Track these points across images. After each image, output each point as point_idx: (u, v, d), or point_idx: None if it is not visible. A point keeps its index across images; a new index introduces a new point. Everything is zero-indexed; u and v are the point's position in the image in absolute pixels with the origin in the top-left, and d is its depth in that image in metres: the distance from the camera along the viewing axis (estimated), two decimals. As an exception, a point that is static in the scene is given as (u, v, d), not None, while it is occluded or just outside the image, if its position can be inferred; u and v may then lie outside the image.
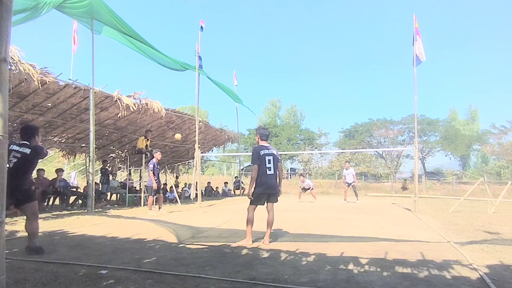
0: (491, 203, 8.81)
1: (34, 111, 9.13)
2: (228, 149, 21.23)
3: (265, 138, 4.62)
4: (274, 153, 4.50)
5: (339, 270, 3.13)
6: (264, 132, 4.64)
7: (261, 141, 4.60)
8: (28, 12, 6.95)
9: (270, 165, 4.38)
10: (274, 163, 4.43)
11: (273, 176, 4.42)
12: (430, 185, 23.89)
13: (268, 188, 4.39)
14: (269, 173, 4.38)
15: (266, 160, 4.38)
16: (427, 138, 38.00)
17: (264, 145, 4.56)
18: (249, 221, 4.42)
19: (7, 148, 1.95)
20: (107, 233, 5.20)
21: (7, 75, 1.89)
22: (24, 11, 6.84)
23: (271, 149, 4.52)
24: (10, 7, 1.72)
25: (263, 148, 4.48)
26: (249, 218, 4.43)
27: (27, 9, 6.83)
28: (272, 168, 4.39)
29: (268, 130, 4.76)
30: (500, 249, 4.07)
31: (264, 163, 4.37)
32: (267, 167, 4.37)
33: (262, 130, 4.69)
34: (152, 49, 10.11)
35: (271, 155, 4.43)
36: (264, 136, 4.62)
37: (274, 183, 4.43)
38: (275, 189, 4.46)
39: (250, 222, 4.42)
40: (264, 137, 4.62)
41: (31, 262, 3.38)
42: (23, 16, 7.04)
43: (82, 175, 19.01)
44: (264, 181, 4.36)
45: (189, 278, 2.88)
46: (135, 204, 10.97)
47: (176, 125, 13.13)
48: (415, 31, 8.93)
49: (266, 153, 4.43)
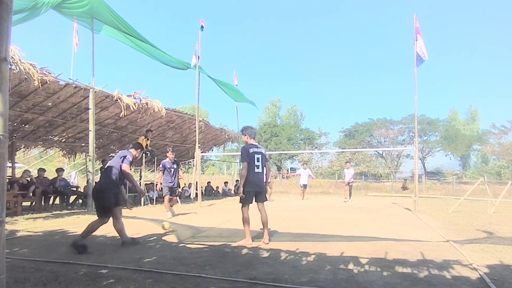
0: (491, 203, 8.81)
1: (35, 111, 9.13)
2: (228, 148, 21.21)
3: (253, 136, 4.72)
4: (263, 151, 4.60)
5: (339, 269, 3.14)
6: (252, 131, 4.76)
7: (250, 139, 4.68)
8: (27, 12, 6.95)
9: (259, 163, 4.48)
10: (263, 162, 4.52)
11: (261, 174, 4.51)
12: (430, 185, 23.88)
13: (256, 186, 4.46)
14: (257, 171, 4.47)
15: (255, 158, 4.48)
16: (427, 138, 38.03)
17: (253, 143, 4.64)
18: (245, 221, 4.48)
19: (7, 147, 1.95)
20: (107, 233, 5.19)
21: (7, 75, 1.90)
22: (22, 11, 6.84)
23: (259, 148, 4.61)
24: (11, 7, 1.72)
25: (252, 147, 4.55)
26: (244, 218, 4.49)
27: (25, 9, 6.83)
28: (261, 166, 4.49)
29: (255, 129, 4.87)
30: (500, 249, 4.07)
31: (253, 161, 4.45)
32: (255, 165, 4.45)
33: (250, 129, 4.77)
34: (153, 47, 10.10)
35: (259, 154, 4.53)
36: (253, 135, 4.73)
37: (262, 181, 4.52)
38: (262, 187, 4.54)
39: (246, 221, 4.48)
40: (253, 136, 4.72)
41: (32, 261, 3.39)
42: (21, 16, 7.03)
43: (82, 175, 19.04)
44: (253, 178, 4.44)
45: (189, 277, 2.89)
46: (135, 204, 10.97)
47: (176, 124, 13.13)
48: (415, 30, 8.91)
49: (255, 151, 4.52)
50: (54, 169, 11.02)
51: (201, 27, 11.19)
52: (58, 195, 9.82)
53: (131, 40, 9.70)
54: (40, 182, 9.24)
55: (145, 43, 9.81)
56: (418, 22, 8.97)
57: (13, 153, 10.42)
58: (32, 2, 6.86)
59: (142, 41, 9.68)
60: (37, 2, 6.93)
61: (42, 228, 5.61)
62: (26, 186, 8.62)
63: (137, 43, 9.82)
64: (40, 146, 11.70)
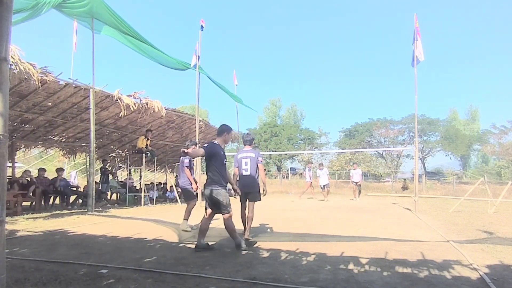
0: (491, 203, 8.80)
1: (35, 110, 9.13)
2: (228, 148, 21.24)
3: (247, 143, 5.02)
4: (252, 155, 4.80)
5: (339, 269, 3.13)
6: (244, 138, 5.09)
7: (244, 146, 5.03)
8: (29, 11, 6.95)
9: (247, 167, 4.77)
10: (251, 165, 4.75)
11: (249, 177, 4.75)
12: (430, 185, 23.85)
13: (244, 187, 4.70)
14: (245, 173, 4.78)
15: (243, 162, 4.81)
16: (428, 138, 38.03)
17: (244, 149, 4.97)
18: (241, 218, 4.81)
19: (7, 147, 1.95)
20: (107, 232, 5.20)
21: (7, 75, 1.89)
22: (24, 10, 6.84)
23: (249, 152, 4.85)
24: (11, 7, 1.72)
25: (241, 152, 4.94)
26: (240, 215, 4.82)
27: (26, 8, 6.83)
28: (249, 169, 4.76)
29: (249, 136, 5.17)
30: (500, 249, 4.07)
31: (241, 165, 4.82)
32: (243, 169, 4.80)
33: (243, 137, 5.16)
34: (152, 48, 10.09)
35: (248, 158, 4.80)
36: (245, 141, 5.04)
37: (249, 183, 4.74)
38: (251, 188, 4.74)
39: (241, 218, 4.80)
40: (246, 142, 5.02)
41: (31, 261, 3.39)
42: (23, 16, 7.04)
43: (82, 175, 19.05)
44: (240, 181, 4.80)
45: (189, 277, 2.89)
46: (135, 204, 10.99)
47: (176, 124, 13.13)
48: (415, 30, 8.91)
49: (243, 156, 4.84)
50: (54, 169, 11.03)
51: (201, 27, 11.20)
52: (58, 195, 9.82)
53: (130, 41, 9.69)
54: (40, 182, 9.24)
55: (145, 43, 9.80)
56: (418, 22, 8.98)
57: (13, 153, 10.42)
58: (34, 1, 6.87)
59: (141, 41, 9.67)
60: (39, 1, 6.94)
61: (42, 228, 5.61)
62: (26, 186, 8.62)
63: (136, 44, 9.81)
64: (40, 146, 11.70)
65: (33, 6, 6.89)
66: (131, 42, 9.72)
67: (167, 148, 15.00)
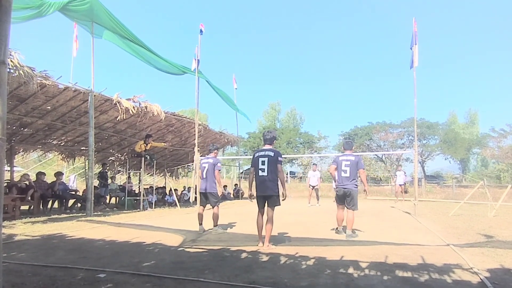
0: (491, 207, 8.79)
1: (34, 114, 9.12)
2: (227, 152, 21.21)
3: (266, 142, 4.71)
4: (271, 154, 4.47)
5: (339, 274, 3.12)
6: (265, 136, 4.77)
7: (264, 144, 4.73)
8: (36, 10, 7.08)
9: (264, 167, 4.42)
10: (269, 164, 4.40)
11: (266, 177, 4.39)
12: (430, 188, 23.82)
13: (260, 190, 4.45)
14: (261, 174, 4.43)
15: (260, 161, 4.46)
16: (427, 141, 38.04)
17: (262, 148, 4.66)
18: (257, 225, 4.55)
19: (5, 151, 1.94)
20: (105, 236, 5.17)
21: (5, 78, 1.89)
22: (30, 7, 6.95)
23: (267, 151, 4.53)
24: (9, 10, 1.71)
25: (258, 151, 4.62)
26: (256, 222, 4.57)
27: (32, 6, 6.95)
28: (266, 169, 4.40)
29: (270, 134, 4.78)
30: (500, 252, 4.06)
31: (257, 165, 4.47)
32: (259, 169, 4.45)
33: (263, 135, 4.83)
34: (151, 53, 10.12)
35: (265, 157, 4.47)
36: (265, 140, 4.73)
37: (265, 185, 4.39)
38: (267, 191, 4.40)
39: (257, 226, 4.55)
40: (266, 141, 4.72)
41: (29, 265, 3.36)
42: (28, 14, 7.14)
43: (81, 178, 18.99)
44: (257, 182, 4.49)
45: (188, 282, 2.86)
46: (134, 208, 10.94)
47: (175, 128, 13.13)
48: (414, 34, 8.95)
49: (260, 154, 4.52)
50: (53, 172, 10.99)
51: (200, 31, 11.23)
52: (57, 199, 9.78)
53: (129, 46, 9.73)
54: (39, 185, 9.21)
55: (143, 48, 9.83)
56: (416, 26, 9.01)
57: (12, 157, 10.40)
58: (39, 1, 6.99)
59: (140, 46, 9.70)
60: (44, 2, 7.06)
61: (40, 232, 5.57)
62: (25, 189, 8.59)
63: (135, 48, 9.84)
64: (39, 149, 11.68)
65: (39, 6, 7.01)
66: (130, 47, 9.76)
67: (166, 152, 14.97)
